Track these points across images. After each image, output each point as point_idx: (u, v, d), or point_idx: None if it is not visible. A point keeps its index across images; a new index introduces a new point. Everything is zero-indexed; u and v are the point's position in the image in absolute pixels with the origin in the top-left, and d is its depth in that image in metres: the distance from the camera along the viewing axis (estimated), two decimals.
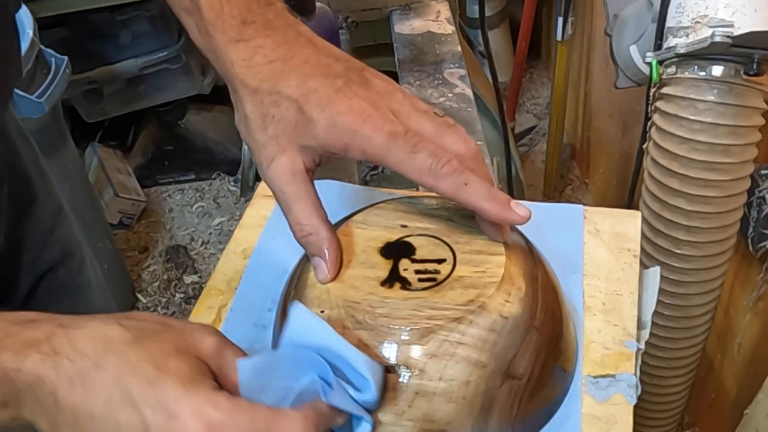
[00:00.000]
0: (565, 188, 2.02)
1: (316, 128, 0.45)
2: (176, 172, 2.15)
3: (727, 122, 0.89)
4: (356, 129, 0.44)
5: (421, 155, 0.44)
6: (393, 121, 0.45)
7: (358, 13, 1.17)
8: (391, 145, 0.44)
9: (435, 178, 0.44)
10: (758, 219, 1.00)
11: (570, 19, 1.67)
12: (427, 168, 0.44)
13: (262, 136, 0.47)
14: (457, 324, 0.43)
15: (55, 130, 1.48)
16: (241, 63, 0.47)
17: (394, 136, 0.44)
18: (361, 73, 0.47)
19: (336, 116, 0.45)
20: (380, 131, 0.44)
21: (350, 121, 0.45)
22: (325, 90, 0.45)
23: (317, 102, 0.45)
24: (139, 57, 1.84)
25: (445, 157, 0.44)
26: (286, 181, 0.47)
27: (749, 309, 1.15)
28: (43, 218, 0.70)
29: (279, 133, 0.46)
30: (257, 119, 0.47)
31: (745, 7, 0.84)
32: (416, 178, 0.45)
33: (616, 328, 0.51)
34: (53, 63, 1.39)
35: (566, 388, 0.47)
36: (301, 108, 0.45)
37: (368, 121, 0.44)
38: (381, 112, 0.45)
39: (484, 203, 0.44)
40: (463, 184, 0.44)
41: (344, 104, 0.45)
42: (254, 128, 0.47)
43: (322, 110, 0.45)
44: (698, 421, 1.43)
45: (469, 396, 0.42)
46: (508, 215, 0.45)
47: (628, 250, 0.57)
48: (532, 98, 2.32)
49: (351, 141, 0.45)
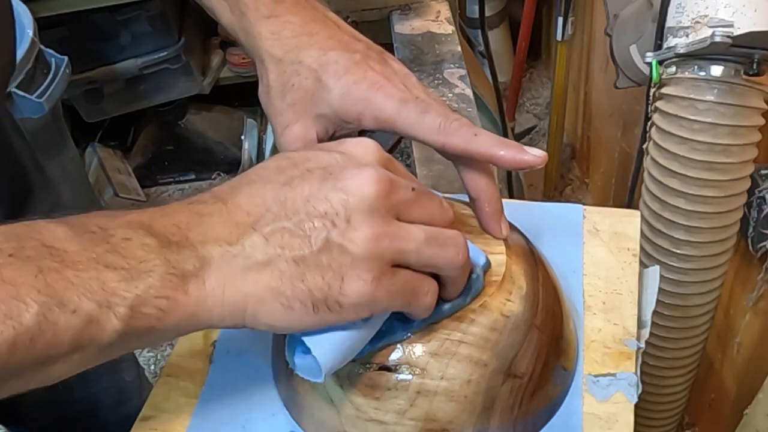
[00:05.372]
0: (565, 188, 2.02)
1: (331, 95, 0.47)
2: (176, 172, 2.15)
3: (727, 122, 0.89)
4: (369, 97, 0.47)
5: (431, 115, 0.46)
6: (404, 90, 0.47)
7: (358, 13, 1.17)
8: (402, 109, 0.46)
9: (445, 135, 0.46)
10: (758, 219, 1.00)
11: (570, 19, 1.67)
12: (437, 126, 0.46)
13: (280, 103, 0.49)
14: (458, 323, 0.43)
15: (55, 130, 1.47)
16: (269, 36, 0.49)
17: (405, 101, 0.46)
18: (381, 54, 0.50)
19: (351, 85, 0.47)
20: (392, 98, 0.46)
21: (364, 89, 0.47)
22: (343, 62, 0.48)
23: (334, 71, 0.47)
24: (139, 57, 1.84)
25: (453, 115, 0.46)
26: (298, 148, 0.48)
27: (749, 309, 1.15)
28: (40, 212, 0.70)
29: (296, 101, 0.49)
30: (278, 87, 0.49)
31: (745, 7, 0.84)
32: (427, 137, 0.46)
33: (617, 327, 0.51)
34: (53, 63, 1.39)
35: (567, 387, 0.48)
36: (319, 77, 0.48)
37: (381, 90, 0.47)
38: (393, 83, 0.47)
39: (497, 149, 0.45)
40: (473, 135, 0.46)
41: (360, 74, 0.47)
42: (274, 96, 0.50)
43: (339, 79, 0.47)
44: (698, 421, 1.43)
45: (470, 395, 0.43)
46: (522, 157, 0.45)
47: (628, 250, 0.57)
48: (532, 98, 2.32)
49: (364, 108, 0.47)
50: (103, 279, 0.35)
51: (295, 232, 0.37)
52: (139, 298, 0.35)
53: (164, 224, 0.38)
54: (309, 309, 0.38)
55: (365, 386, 0.43)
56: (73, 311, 0.34)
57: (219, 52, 2.01)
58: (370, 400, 0.43)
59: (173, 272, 0.36)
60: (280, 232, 0.38)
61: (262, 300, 0.38)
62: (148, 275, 0.36)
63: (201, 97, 2.00)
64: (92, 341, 0.35)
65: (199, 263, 0.37)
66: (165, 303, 0.36)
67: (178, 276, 0.36)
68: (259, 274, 0.37)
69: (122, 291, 0.35)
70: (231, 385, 0.50)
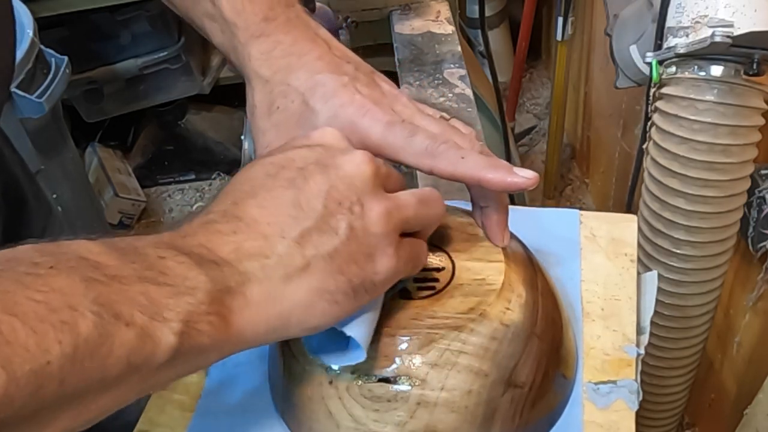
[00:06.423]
0: (565, 188, 2.02)
1: (318, 118, 0.47)
2: (176, 172, 2.15)
3: (727, 122, 0.89)
4: (356, 120, 0.46)
5: (418, 138, 0.46)
6: (391, 114, 0.47)
7: (358, 13, 1.16)
8: (388, 133, 0.46)
9: (432, 158, 0.45)
10: (758, 219, 1.00)
11: (570, 19, 1.66)
12: (424, 149, 0.45)
13: (265, 123, 0.49)
14: (458, 333, 0.43)
15: (55, 130, 1.47)
16: (258, 56, 0.49)
17: (392, 125, 0.46)
18: (370, 75, 0.49)
19: (338, 108, 0.47)
20: (379, 122, 0.46)
21: (351, 113, 0.46)
22: (332, 84, 0.47)
23: (322, 95, 0.47)
24: (139, 57, 1.83)
25: (441, 137, 0.46)
26: None
27: (749, 309, 1.15)
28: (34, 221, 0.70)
29: (281, 122, 0.48)
30: (263, 107, 0.49)
31: (745, 7, 0.84)
32: (414, 161, 0.46)
33: (616, 333, 0.51)
34: (53, 63, 1.39)
35: (567, 395, 0.47)
36: (306, 100, 0.47)
37: (368, 114, 0.46)
38: (380, 106, 0.47)
39: (486, 172, 0.45)
40: (460, 158, 0.45)
41: (347, 97, 0.47)
42: (259, 115, 0.49)
43: (326, 102, 0.47)
44: (698, 421, 1.43)
45: (471, 406, 0.42)
46: (513, 180, 0.44)
47: (626, 255, 0.56)
48: (532, 98, 2.31)
49: (351, 132, 0.46)
50: (151, 294, 0.33)
51: (321, 228, 0.38)
52: (191, 314, 0.34)
53: (189, 245, 0.36)
54: (351, 297, 0.39)
55: (364, 398, 0.43)
56: (127, 324, 0.31)
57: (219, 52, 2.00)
58: (370, 412, 0.42)
59: (219, 288, 0.35)
60: (308, 232, 0.38)
61: (309, 303, 0.38)
62: (195, 291, 0.34)
63: (201, 97, 2.00)
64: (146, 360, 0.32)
65: (241, 279, 0.37)
66: (216, 320, 0.35)
67: (223, 292, 0.36)
68: (300, 279, 0.38)
69: (173, 306, 0.33)
70: (227, 398, 0.50)
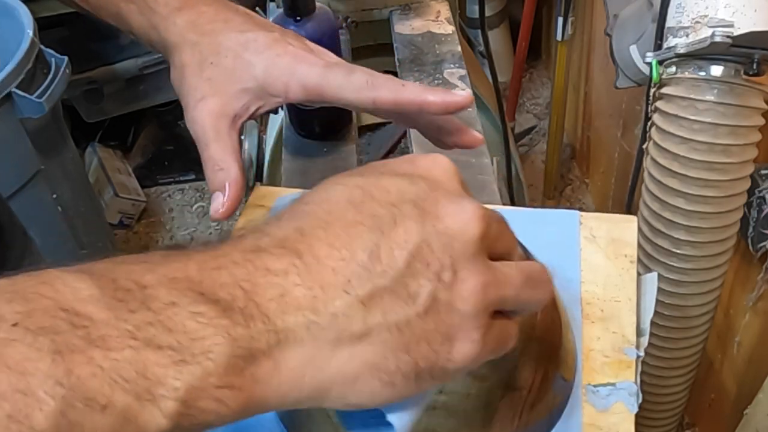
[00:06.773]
0: (565, 188, 2.01)
1: (256, 70, 0.48)
2: (176, 172, 2.15)
3: (727, 122, 0.89)
4: (293, 66, 0.48)
5: (357, 74, 0.47)
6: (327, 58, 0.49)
7: (358, 13, 1.16)
8: (328, 72, 0.48)
9: (373, 89, 0.47)
10: (758, 219, 1.00)
11: (570, 19, 1.66)
12: (364, 82, 0.47)
13: (196, 79, 0.49)
14: None
15: (55, 130, 1.47)
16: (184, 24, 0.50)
17: (330, 65, 0.48)
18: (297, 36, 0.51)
19: (274, 57, 0.48)
20: (316, 64, 0.48)
21: (288, 61, 0.48)
22: (263, 39, 0.49)
23: (255, 48, 0.49)
24: (139, 57, 1.83)
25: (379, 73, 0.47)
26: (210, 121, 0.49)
27: (749, 309, 1.15)
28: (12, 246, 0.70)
29: (214, 76, 0.49)
30: (194, 65, 0.50)
31: (745, 7, 0.84)
32: (355, 97, 0.47)
33: (615, 335, 0.51)
34: (53, 63, 1.39)
35: (566, 397, 0.47)
36: (239, 54, 0.49)
37: (305, 60, 0.48)
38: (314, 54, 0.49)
39: (427, 95, 0.46)
40: (400, 86, 0.47)
41: (281, 48, 0.49)
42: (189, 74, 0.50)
43: (260, 54, 0.49)
44: (698, 421, 1.43)
45: (470, 409, 0.42)
46: (452, 98, 0.47)
47: (625, 256, 0.56)
48: (532, 98, 2.31)
49: (290, 78, 0.48)
50: (144, 362, 0.26)
51: (397, 291, 0.30)
52: (193, 389, 0.27)
53: (221, 281, 0.29)
54: (411, 381, 0.31)
55: None
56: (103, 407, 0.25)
57: None
58: None
59: (240, 353, 0.28)
60: (380, 293, 0.30)
61: (356, 378, 0.31)
62: (205, 358, 0.27)
63: None
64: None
65: (275, 339, 0.29)
66: (228, 394, 0.28)
67: (245, 358, 0.28)
68: (354, 348, 0.30)
69: (171, 379, 0.27)
70: None
